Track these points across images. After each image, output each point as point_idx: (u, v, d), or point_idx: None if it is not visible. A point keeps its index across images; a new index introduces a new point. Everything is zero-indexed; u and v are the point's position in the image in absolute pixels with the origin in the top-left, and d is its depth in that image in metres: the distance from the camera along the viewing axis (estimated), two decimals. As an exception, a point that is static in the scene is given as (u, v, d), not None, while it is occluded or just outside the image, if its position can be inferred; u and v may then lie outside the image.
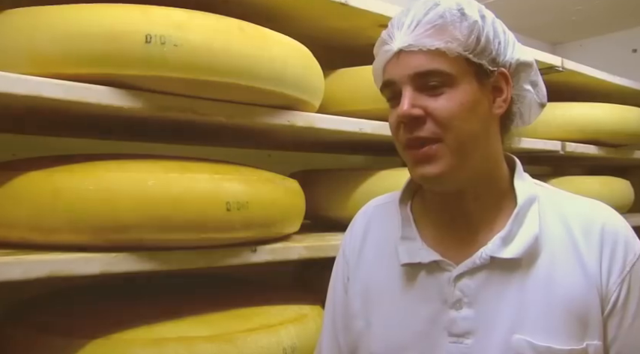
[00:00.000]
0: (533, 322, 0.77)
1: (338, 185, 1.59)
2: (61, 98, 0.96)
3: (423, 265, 0.84)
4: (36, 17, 1.01)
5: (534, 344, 0.76)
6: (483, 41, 0.79)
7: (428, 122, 0.77)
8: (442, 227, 0.87)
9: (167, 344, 1.03)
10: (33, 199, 0.99)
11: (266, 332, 1.15)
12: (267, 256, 1.22)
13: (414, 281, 0.85)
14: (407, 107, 0.77)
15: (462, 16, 0.78)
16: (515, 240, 0.80)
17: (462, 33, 0.77)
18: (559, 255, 0.80)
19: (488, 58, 0.80)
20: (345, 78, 1.57)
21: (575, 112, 2.20)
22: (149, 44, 1.00)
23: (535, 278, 0.79)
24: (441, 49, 0.76)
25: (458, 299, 0.81)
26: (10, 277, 0.89)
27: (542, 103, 0.90)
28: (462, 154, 0.78)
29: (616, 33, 3.06)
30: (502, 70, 0.81)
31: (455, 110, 0.76)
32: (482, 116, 0.80)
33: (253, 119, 1.21)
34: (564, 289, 0.78)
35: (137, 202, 1.00)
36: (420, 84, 0.78)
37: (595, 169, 2.92)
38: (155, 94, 1.07)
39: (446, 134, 0.77)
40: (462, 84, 0.78)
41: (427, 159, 0.78)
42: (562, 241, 0.80)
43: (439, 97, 0.77)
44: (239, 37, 1.09)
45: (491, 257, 0.80)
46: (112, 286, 1.41)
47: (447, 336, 0.81)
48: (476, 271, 0.81)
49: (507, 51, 0.83)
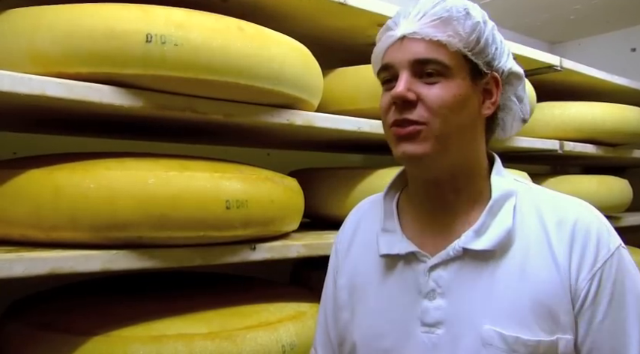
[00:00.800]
0: (503, 313, 0.78)
1: (337, 184, 1.60)
2: (63, 97, 0.97)
3: (401, 256, 0.87)
4: (37, 17, 1.02)
5: (503, 334, 0.77)
6: (482, 43, 0.82)
7: (419, 107, 0.80)
8: (422, 220, 0.89)
9: (166, 341, 1.04)
10: (34, 197, 0.99)
11: (265, 330, 1.16)
12: (266, 254, 1.23)
13: (393, 272, 0.88)
14: (402, 88, 0.80)
15: (466, 15, 0.82)
16: (487, 232, 0.82)
17: (465, 30, 0.81)
18: (532, 249, 0.81)
19: (484, 60, 0.83)
20: (344, 77, 1.58)
21: (573, 112, 2.20)
22: (149, 43, 1.00)
23: (507, 270, 0.80)
24: (442, 41, 0.80)
25: (431, 289, 0.83)
26: (11, 274, 0.90)
27: (525, 119, 0.94)
28: (445, 141, 0.81)
29: (614, 32, 3.06)
30: (495, 74, 0.85)
31: (446, 100, 0.80)
32: (470, 113, 0.83)
33: (252, 118, 1.22)
34: (536, 282, 0.79)
35: (137, 200, 1.00)
36: (418, 70, 0.81)
37: (593, 168, 2.93)
38: (155, 93, 1.08)
39: (433, 120, 0.80)
40: (457, 78, 0.81)
41: (411, 137, 0.81)
42: (536, 235, 0.82)
43: (434, 85, 0.80)
44: (238, 36, 1.09)
45: (464, 249, 0.82)
46: (112, 283, 1.41)
47: (419, 325, 0.83)
48: (449, 263, 0.83)
49: (502, 58, 0.86)
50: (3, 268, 0.89)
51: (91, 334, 1.04)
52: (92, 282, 1.43)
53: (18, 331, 1.10)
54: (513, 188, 0.86)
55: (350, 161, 2.24)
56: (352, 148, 2.00)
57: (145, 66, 1.01)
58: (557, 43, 3.31)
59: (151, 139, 1.65)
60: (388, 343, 0.86)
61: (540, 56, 2.03)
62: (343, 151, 2.14)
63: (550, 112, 2.21)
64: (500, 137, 0.95)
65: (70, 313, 1.16)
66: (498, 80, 0.86)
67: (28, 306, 1.23)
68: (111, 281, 1.43)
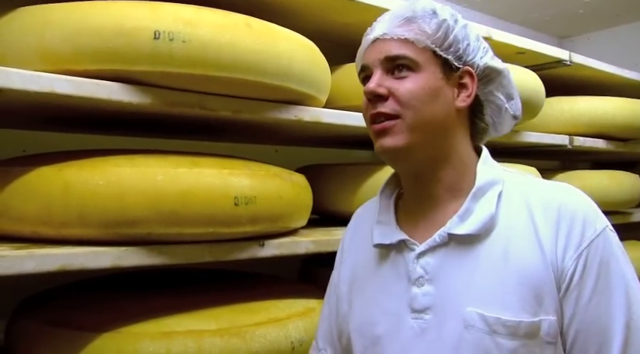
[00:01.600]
0: (486, 295, 0.80)
1: (345, 180, 1.59)
2: (72, 94, 0.97)
3: (393, 245, 0.91)
4: (46, 14, 1.02)
5: (484, 315, 0.79)
6: (451, 39, 0.87)
7: (390, 100, 0.85)
8: (413, 212, 0.93)
9: (176, 337, 1.04)
10: (44, 194, 1.00)
11: (274, 326, 1.16)
12: (275, 250, 1.23)
13: (386, 261, 0.92)
14: (373, 85, 0.86)
15: (432, 14, 0.88)
16: (470, 218, 0.84)
17: (431, 28, 0.86)
18: (517, 233, 0.82)
19: (455, 55, 0.88)
20: (352, 73, 1.55)
21: (583, 106, 2.18)
22: (157, 40, 1.01)
23: (490, 254, 0.82)
24: (409, 39, 0.86)
25: (419, 276, 0.86)
26: (22, 270, 0.91)
27: (515, 116, 0.96)
28: (419, 132, 0.85)
29: (624, 26, 3.04)
30: (467, 68, 0.89)
31: (415, 92, 0.84)
32: (443, 105, 0.87)
33: (261, 114, 1.22)
34: (519, 264, 0.80)
35: (146, 197, 1.01)
36: (389, 67, 0.87)
37: (603, 163, 2.91)
38: (163, 89, 1.08)
39: (405, 112, 0.84)
40: (426, 72, 0.86)
41: (385, 132, 0.85)
42: (522, 220, 0.83)
43: (404, 79, 0.85)
44: (246, 32, 1.09)
45: (449, 234, 0.85)
46: (121, 280, 1.42)
47: (409, 312, 0.85)
48: (436, 249, 0.86)
49: (476, 54, 0.90)
50: (14, 265, 0.90)
51: (100, 331, 1.04)
52: (102, 278, 1.43)
53: (28, 328, 1.10)
54: (499, 177, 0.89)
55: (358, 157, 2.23)
56: (360, 144, 1.99)
57: (154, 63, 1.02)
58: (566, 38, 3.29)
59: (160, 136, 1.66)
60: (380, 330, 0.88)
61: (549, 51, 2.02)
62: (351, 147, 2.13)
63: (559, 107, 2.19)
64: (493, 136, 0.97)
65: (80, 309, 1.17)
66: (472, 74, 0.89)
67: (38, 303, 1.24)
68: (120, 278, 1.44)
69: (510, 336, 0.77)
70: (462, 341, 0.79)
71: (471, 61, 0.89)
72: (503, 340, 0.77)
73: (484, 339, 0.78)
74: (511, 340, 0.77)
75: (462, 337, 0.79)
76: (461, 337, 0.80)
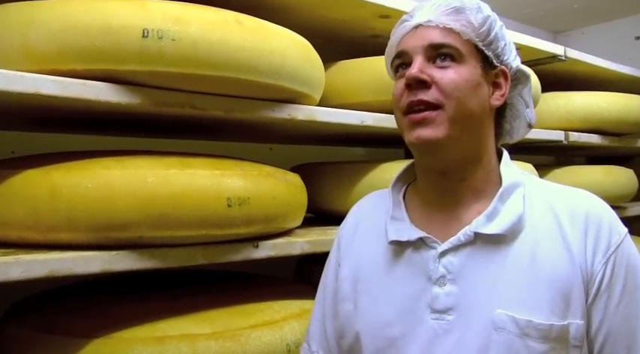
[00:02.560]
0: (515, 297, 0.79)
1: (340, 178, 1.58)
2: (58, 95, 0.95)
3: (410, 242, 0.88)
4: (30, 12, 1.00)
5: (516, 318, 0.78)
6: (492, 36, 0.86)
7: (433, 89, 0.82)
8: (430, 208, 0.91)
9: (169, 342, 1.03)
10: (30, 198, 0.97)
11: (269, 328, 1.14)
12: (270, 251, 1.21)
13: (401, 259, 0.89)
14: (416, 71, 0.82)
15: (478, 8, 0.87)
16: (498, 217, 0.83)
17: (477, 21, 0.85)
18: (544, 235, 0.82)
19: (494, 53, 0.87)
20: (346, 70, 1.56)
21: (578, 102, 2.18)
22: (146, 39, 0.98)
23: (518, 255, 0.81)
24: (455, 29, 0.84)
25: (442, 275, 0.83)
26: (9, 278, 0.89)
27: (530, 124, 0.97)
28: (458, 126, 0.83)
29: (618, 20, 3.03)
30: (503, 68, 0.89)
31: (459, 83, 0.82)
32: (481, 101, 0.85)
33: (253, 113, 1.20)
34: (548, 267, 0.80)
35: (137, 200, 0.98)
36: (432, 55, 0.84)
37: (598, 158, 2.91)
38: (153, 89, 1.05)
39: (448, 102, 0.82)
40: (469, 64, 0.84)
41: (425, 122, 0.82)
42: (547, 223, 0.83)
43: (447, 69, 0.83)
44: (237, 30, 1.07)
45: (475, 233, 0.83)
46: (113, 284, 1.40)
47: (429, 312, 0.83)
48: (460, 248, 0.84)
49: (511, 55, 0.90)
50: (0, 271, 0.88)
51: (92, 337, 1.02)
52: (92, 282, 1.41)
53: (18, 334, 1.08)
54: (521, 179, 0.89)
55: (353, 155, 2.22)
56: (355, 142, 1.98)
57: (142, 62, 0.99)
58: (561, 33, 3.28)
59: (150, 136, 1.64)
60: (396, 331, 0.85)
61: (544, 46, 2.01)
62: (346, 144, 2.12)
63: (554, 102, 2.18)
64: (507, 142, 0.97)
65: (71, 314, 1.15)
66: (507, 74, 0.89)
67: (28, 308, 1.22)
68: (111, 281, 1.41)
69: (541, 339, 0.77)
70: (490, 343, 0.78)
71: (506, 61, 0.89)
72: (534, 343, 0.77)
73: (515, 342, 0.77)
74: (542, 343, 0.77)
75: (491, 339, 0.78)
76: (490, 339, 0.78)
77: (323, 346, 1.00)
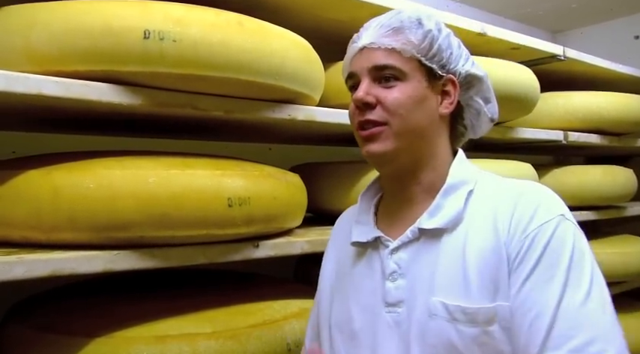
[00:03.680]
0: (448, 284, 0.84)
1: (339, 178, 1.58)
2: (60, 96, 0.95)
3: (370, 243, 0.95)
4: (32, 14, 1.00)
5: (446, 304, 0.82)
6: (435, 48, 0.90)
7: (378, 108, 0.88)
8: (391, 212, 0.97)
9: (170, 341, 1.03)
10: (33, 198, 0.98)
11: (269, 328, 1.15)
12: (270, 251, 1.22)
13: (362, 258, 0.96)
14: (362, 94, 0.88)
15: (418, 24, 0.90)
16: (440, 213, 0.88)
17: (417, 38, 0.89)
18: (478, 225, 0.86)
19: (439, 64, 0.91)
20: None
21: (577, 101, 2.18)
22: (147, 40, 0.99)
23: (453, 245, 0.86)
24: (396, 49, 0.88)
25: (393, 271, 0.89)
26: (12, 277, 0.89)
27: (492, 119, 0.99)
28: (404, 139, 0.88)
29: (617, 20, 3.04)
30: (451, 76, 0.92)
31: (402, 101, 0.87)
32: (428, 112, 0.90)
33: (254, 114, 1.20)
34: (477, 253, 0.83)
35: (138, 200, 0.99)
36: (376, 76, 0.89)
37: (597, 157, 2.91)
38: (154, 90, 1.06)
39: (392, 120, 0.87)
40: (412, 81, 0.89)
41: (373, 138, 0.89)
42: (484, 214, 0.87)
43: (391, 88, 0.88)
44: (238, 31, 1.08)
45: (420, 229, 0.89)
46: (114, 283, 1.40)
47: (384, 306, 0.89)
48: (408, 245, 0.90)
49: (459, 62, 0.93)
50: (3, 271, 0.88)
51: (93, 336, 1.03)
52: (94, 282, 1.42)
53: (19, 333, 1.09)
54: (473, 177, 0.92)
55: (353, 155, 2.22)
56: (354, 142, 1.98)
57: (144, 63, 1.00)
58: (559, 32, 3.29)
59: (151, 136, 1.64)
60: (357, 325, 0.92)
61: (543, 46, 2.01)
62: (346, 144, 2.12)
63: (553, 102, 2.19)
64: (471, 137, 1.00)
65: (72, 314, 1.15)
66: (455, 82, 0.92)
67: (30, 308, 1.22)
68: (113, 281, 1.42)
69: (470, 323, 0.81)
70: (427, 330, 0.83)
71: (453, 69, 0.92)
72: (464, 327, 0.81)
73: (446, 327, 0.81)
74: (471, 327, 0.81)
75: (428, 326, 0.83)
76: (426, 326, 0.83)
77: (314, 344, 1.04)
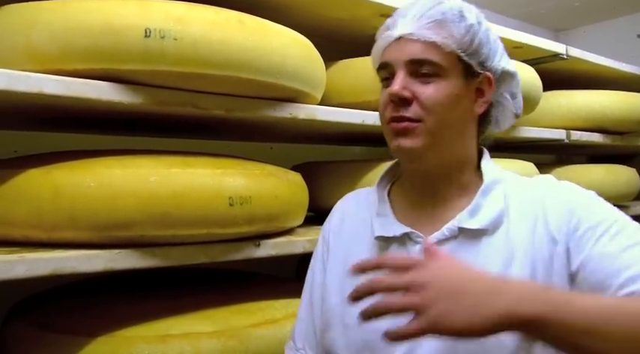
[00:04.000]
0: None
1: (341, 177, 1.58)
2: (61, 95, 0.95)
3: (396, 238, 0.91)
4: (34, 13, 1.00)
5: None
6: (476, 44, 0.87)
7: (414, 105, 0.85)
8: (414, 207, 0.94)
9: (171, 341, 1.03)
10: (34, 197, 0.98)
11: (271, 327, 1.15)
12: (271, 250, 1.22)
13: (387, 254, 0.91)
14: (398, 87, 0.84)
15: (461, 17, 0.86)
16: (480, 213, 0.87)
17: (459, 32, 0.85)
18: (515, 225, 0.86)
19: (478, 61, 0.88)
20: (347, 69, 1.56)
21: (579, 100, 2.17)
22: (148, 38, 0.99)
23: (496, 247, 0.85)
24: (437, 43, 0.84)
25: None
26: (13, 276, 0.89)
27: (517, 114, 0.98)
28: (437, 137, 0.86)
29: (620, 18, 3.03)
30: (487, 74, 0.89)
31: (440, 98, 0.85)
32: (462, 111, 0.88)
33: (255, 113, 1.20)
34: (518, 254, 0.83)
35: (139, 199, 0.99)
36: (413, 70, 0.85)
37: (600, 157, 2.90)
38: (155, 88, 1.06)
39: (427, 117, 0.85)
40: (451, 78, 0.86)
41: (406, 132, 0.85)
42: (519, 213, 0.87)
43: (428, 84, 0.85)
44: (239, 29, 1.07)
45: (459, 228, 0.87)
46: (115, 282, 1.40)
47: None
48: (444, 242, 0.87)
49: (495, 58, 0.91)
50: (4, 270, 0.88)
51: (94, 335, 1.03)
52: (95, 281, 1.42)
53: (21, 333, 1.09)
54: (501, 176, 0.92)
55: (354, 154, 2.22)
56: (356, 141, 1.98)
57: (144, 61, 0.99)
58: (562, 31, 3.28)
59: (152, 135, 1.64)
60: (384, 324, 0.84)
61: (546, 45, 2.01)
62: (347, 143, 2.12)
63: (556, 101, 2.18)
64: (494, 132, 0.99)
65: (73, 313, 1.15)
66: (491, 80, 0.90)
67: (31, 307, 1.22)
68: (114, 280, 1.42)
69: None
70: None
71: (490, 66, 0.90)
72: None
73: None
74: None
75: None
76: None
77: (309, 341, 0.99)
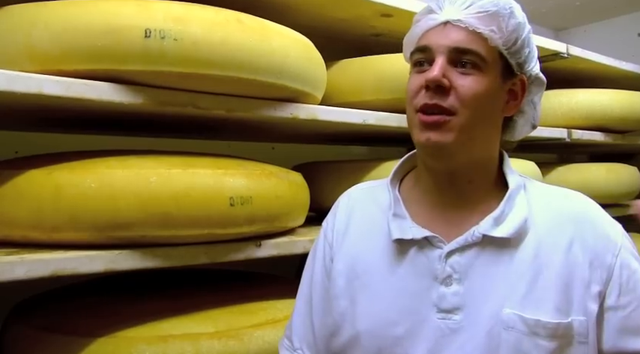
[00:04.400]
0: (522, 296, 0.81)
1: (342, 177, 1.58)
2: (61, 95, 0.95)
3: (415, 241, 0.86)
4: (34, 14, 1.00)
5: (524, 317, 0.79)
6: (519, 44, 0.84)
7: (451, 95, 0.81)
8: (432, 207, 0.90)
9: (172, 341, 1.03)
10: (34, 198, 0.98)
11: (272, 327, 1.14)
12: (272, 250, 1.21)
13: (404, 258, 0.87)
14: (438, 73, 0.80)
15: (511, 13, 0.83)
16: (506, 220, 0.84)
17: (507, 28, 0.82)
18: (545, 236, 0.84)
19: (517, 61, 0.85)
20: (348, 69, 1.55)
21: (580, 99, 2.17)
22: (148, 39, 0.98)
23: (523, 256, 0.83)
24: (483, 34, 0.81)
25: (448, 275, 0.83)
26: (13, 277, 0.89)
27: (534, 125, 0.96)
28: (469, 134, 0.82)
29: (620, 17, 3.02)
30: (523, 77, 0.87)
31: (479, 93, 0.81)
32: (495, 110, 0.85)
33: (255, 113, 1.20)
34: (550, 267, 0.82)
35: (139, 199, 0.99)
36: (455, 58, 0.81)
37: (601, 155, 2.90)
38: (155, 88, 1.06)
39: (462, 111, 0.80)
40: (490, 73, 0.82)
41: (437, 126, 0.81)
42: (548, 224, 0.85)
43: (468, 76, 0.81)
44: (239, 29, 1.07)
45: (484, 235, 0.83)
46: (116, 283, 1.40)
47: (435, 312, 0.83)
48: (466, 249, 0.84)
49: (532, 62, 0.88)
50: (5, 271, 0.88)
51: (95, 336, 1.03)
52: (96, 282, 1.41)
53: (22, 334, 1.09)
54: (522, 182, 0.90)
55: (355, 153, 2.22)
56: (357, 141, 1.98)
57: (145, 62, 0.99)
58: (563, 30, 3.27)
59: (153, 135, 1.64)
60: (400, 331, 0.84)
61: (547, 43, 2.00)
62: (348, 143, 2.12)
63: (557, 100, 2.18)
64: (509, 140, 0.96)
65: (74, 314, 1.15)
66: (525, 83, 0.87)
67: (32, 308, 1.22)
68: (114, 281, 1.42)
69: (549, 337, 0.79)
70: (501, 342, 0.79)
71: (526, 70, 0.87)
72: (543, 341, 0.79)
73: (524, 340, 0.79)
74: (550, 341, 0.79)
75: (502, 338, 0.79)
76: (500, 338, 0.79)
77: (307, 341, 0.96)
